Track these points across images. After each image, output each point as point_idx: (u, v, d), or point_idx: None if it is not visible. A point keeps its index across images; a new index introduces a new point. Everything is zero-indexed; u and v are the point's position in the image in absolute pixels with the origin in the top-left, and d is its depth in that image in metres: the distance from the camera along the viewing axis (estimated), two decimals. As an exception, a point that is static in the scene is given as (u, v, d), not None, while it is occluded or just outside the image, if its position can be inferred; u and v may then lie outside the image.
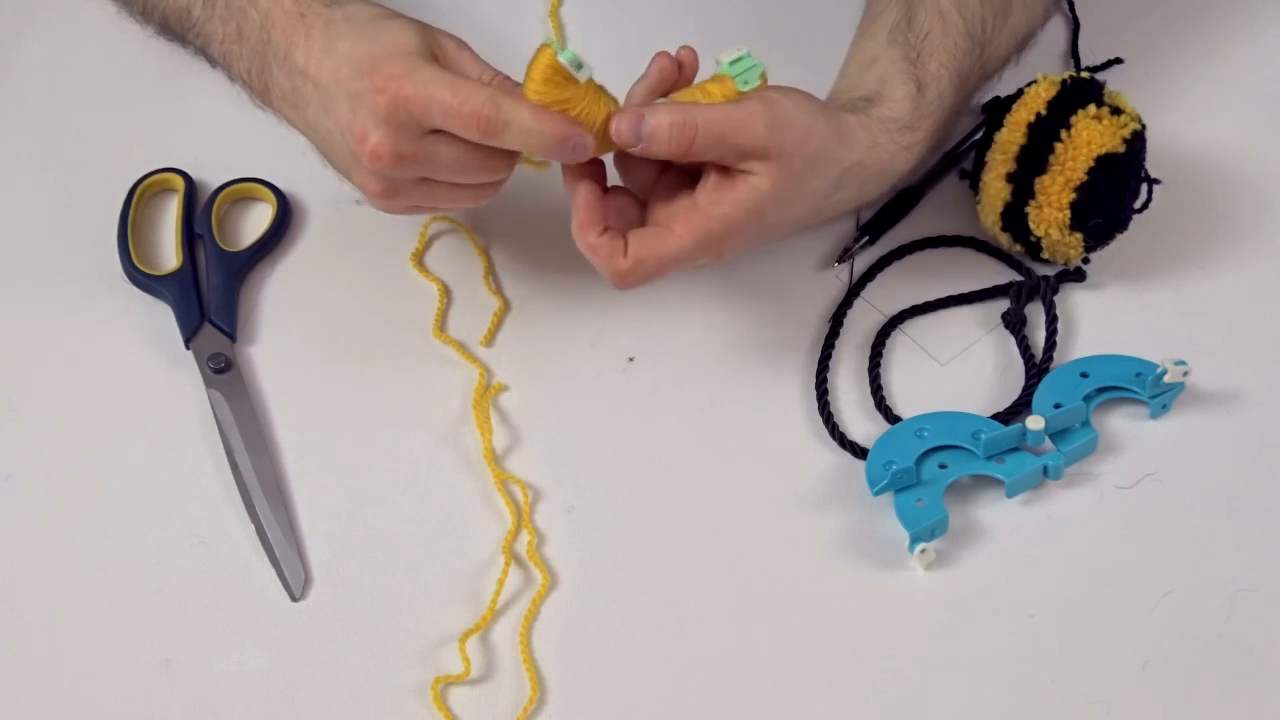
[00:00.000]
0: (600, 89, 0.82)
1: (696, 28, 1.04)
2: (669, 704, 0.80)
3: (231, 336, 0.91)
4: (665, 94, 0.83)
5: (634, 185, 0.85)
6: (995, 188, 0.91)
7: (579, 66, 0.80)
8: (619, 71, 1.04)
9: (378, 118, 0.80)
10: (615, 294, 0.92)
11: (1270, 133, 1.00)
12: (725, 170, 0.81)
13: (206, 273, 0.94)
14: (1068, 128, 0.89)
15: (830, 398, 0.89)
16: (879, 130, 0.87)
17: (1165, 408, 0.88)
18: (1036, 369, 0.90)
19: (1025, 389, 0.89)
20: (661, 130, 0.80)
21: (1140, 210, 0.92)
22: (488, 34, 1.04)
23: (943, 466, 0.86)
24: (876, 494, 0.84)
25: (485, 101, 0.79)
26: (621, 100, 0.83)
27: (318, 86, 0.83)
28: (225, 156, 0.98)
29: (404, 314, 0.93)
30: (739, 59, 0.83)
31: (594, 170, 0.83)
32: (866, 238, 0.95)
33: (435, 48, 0.83)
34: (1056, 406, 0.87)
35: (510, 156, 0.83)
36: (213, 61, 0.94)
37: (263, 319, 0.93)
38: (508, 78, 0.83)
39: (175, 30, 0.95)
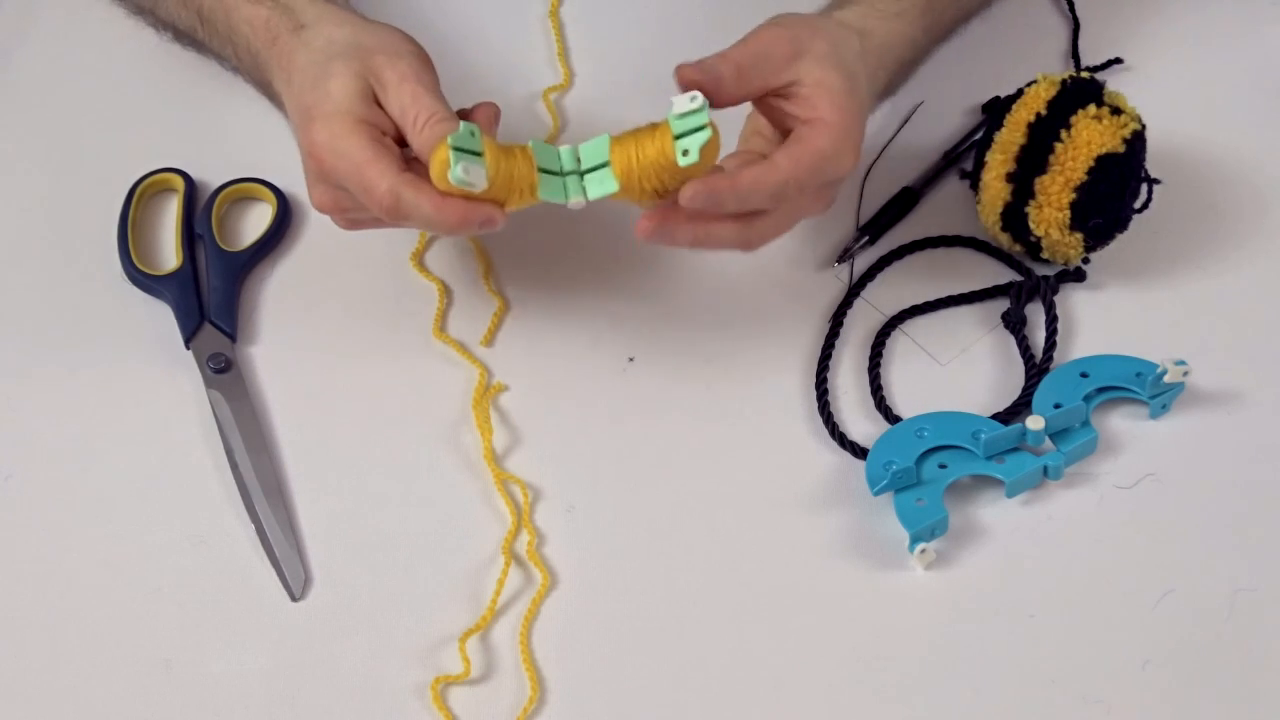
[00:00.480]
0: (510, 156, 0.79)
1: (696, 28, 1.04)
2: (669, 704, 0.80)
3: (231, 336, 0.91)
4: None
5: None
6: (995, 188, 0.91)
7: (469, 185, 0.77)
8: (619, 72, 1.04)
9: (312, 176, 0.84)
10: (615, 294, 0.92)
11: (1270, 133, 1.00)
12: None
13: (206, 273, 0.94)
14: (1068, 128, 0.89)
15: (830, 398, 0.89)
16: (865, 7, 0.88)
17: (1165, 408, 0.88)
18: (1036, 369, 0.90)
19: (1025, 389, 0.89)
20: (716, 62, 0.81)
21: (1140, 210, 0.92)
22: (488, 34, 1.05)
23: (943, 466, 0.86)
24: (876, 494, 0.84)
25: (386, 193, 0.79)
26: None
27: (287, 112, 0.86)
28: (225, 156, 0.98)
29: (404, 314, 0.93)
30: (690, 113, 0.78)
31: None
32: (866, 238, 0.95)
33: (376, 83, 0.83)
34: (1056, 406, 0.87)
35: None
36: (233, 71, 0.95)
37: (263, 319, 0.93)
38: (444, 118, 0.81)
39: (190, 41, 0.96)
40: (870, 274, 0.94)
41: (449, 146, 0.77)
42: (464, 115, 0.84)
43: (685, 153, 0.78)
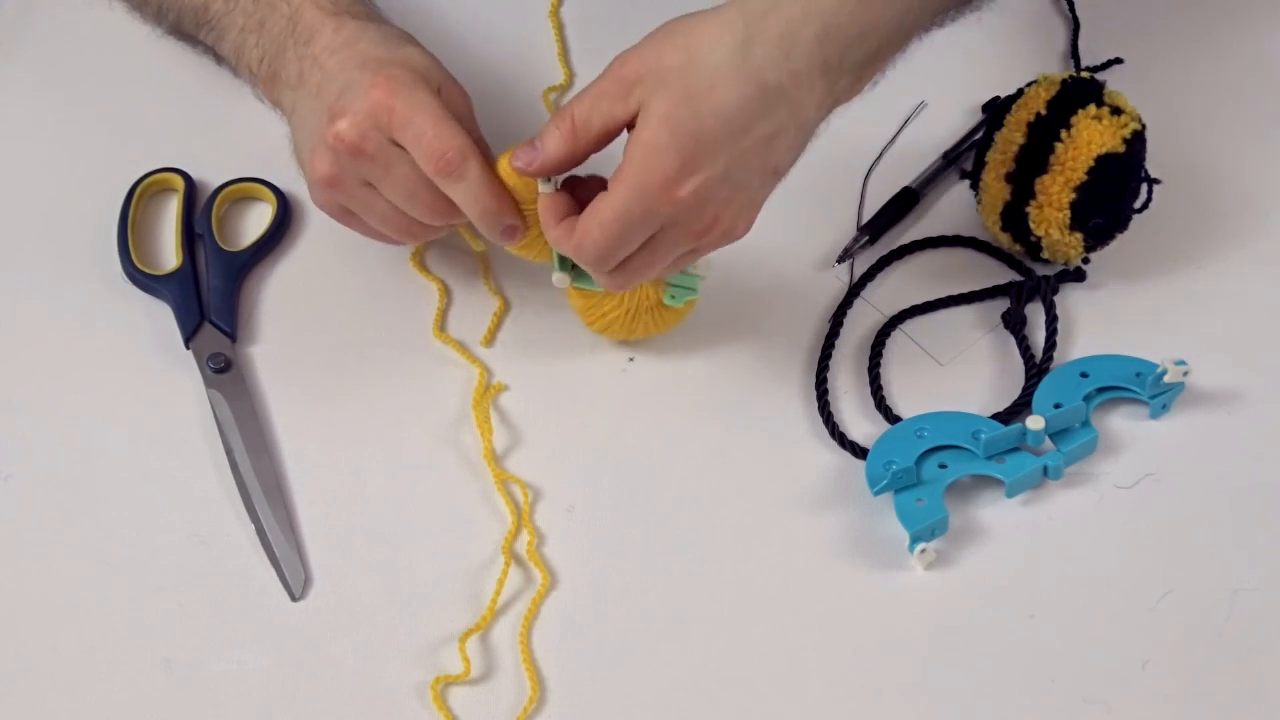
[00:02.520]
0: None
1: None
2: (669, 704, 0.80)
3: (231, 336, 0.91)
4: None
5: None
6: (995, 188, 0.91)
7: (548, 180, 0.80)
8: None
9: (358, 108, 0.81)
10: (615, 294, 0.92)
11: (1270, 133, 1.00)
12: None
13: (206, 273, 0.94)
14: (1068, 127, 0.89)
15: (830, 398, 0.89)
16: None
17: (1165, 408, 0.88)
18: (1036, 369, 0.90)
19: (1025, 389, 0.89)
20: (548, 133, 0.79)
21: (1140, 210, 0.92)
22: (488, 34, 1.05)
23: (943, 466, 0.86)
24: (876, 494, 0.84)
25: (457, 147, 0.79)
26: None
27: (323, 70, 0.85)
28: (225, 156, 0.98)
29: (404, 314, 0.93)
30: (687, 274, 0.86)
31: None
32: (866, 238, 0.95)
33: (444, 88, 0.84)
34: (1056, 406, 0.87)
35: (447, 213, 0.83)
36: (219, 58, 0.94)
37: (263, 319, 0.93)
38: (487, 149, 0.83)
39: (188, 29, 0.96)
40: (870, 274, 0.94)
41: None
42: None
43: (673, 296, 0.87)
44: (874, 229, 0.95)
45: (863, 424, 0.89)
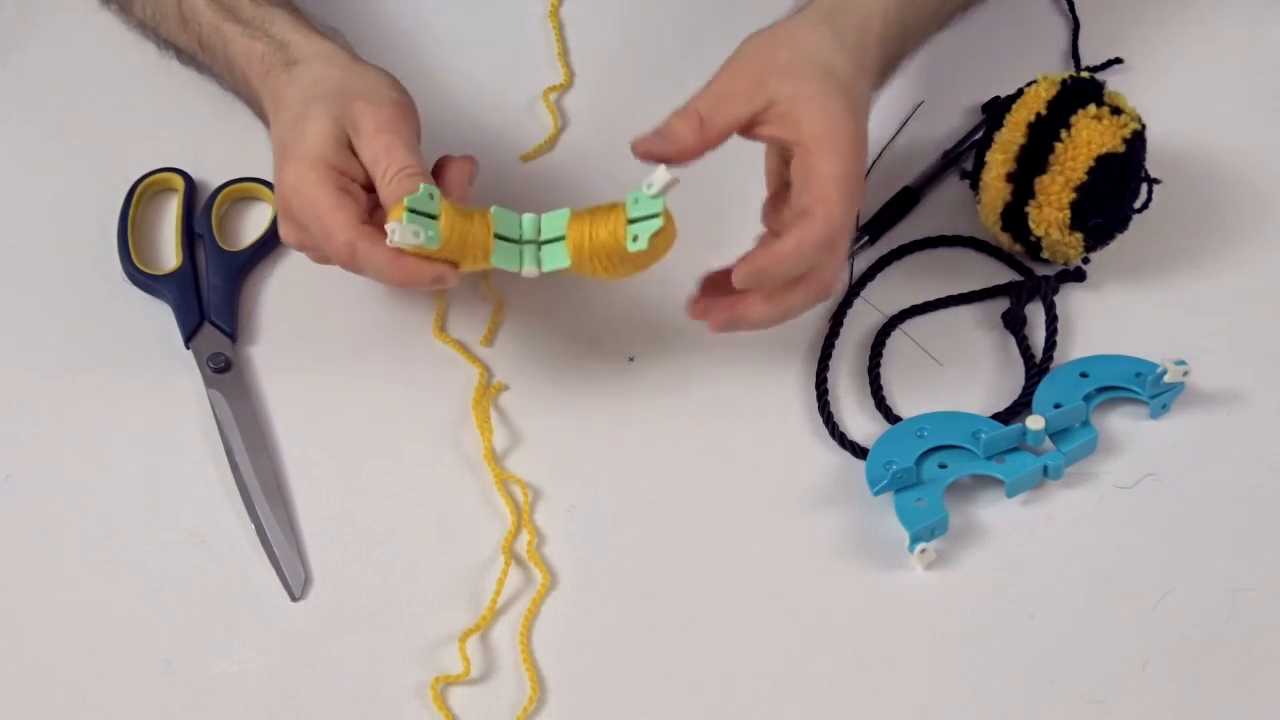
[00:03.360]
0: (467, 220, 0.80)
1: (695, 29, 1.04)
2: (669, 704, 0.80)
3: (231, 336, 0.91)
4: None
5: None
6: (995, 188, 0.91)
7: (419, 246, 0.79)
8: (619, 72, 1.04)
9: (280, 209, 0.85)
10: (615, 294, 0.92)
11: (1270, 133, 1.00)
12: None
13: (206, 273, 0.94)
14: (1068, 127, 0.89)
15: (830, 398, 0.89)
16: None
17: (1165, 408, 0.88)
18: (1036, 369, 0.90)
19: (1025, 389, 0.89)
20: (675, 127, 0.81)
21: (1140, 210, 0.92)
22: (488, 34, 1.05)
23: (943, 466, 0.86)
24: (876, 494, 0.84)
25: (344, 244, 0.81)
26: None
27: (272, 146, 0.87)
28: (225, 156, 0.98)
29: (404, 314, 0.93)
30: (645, 199, 0.80)
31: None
32: (866, 238, 0.95)
33: (352, 130, 0.83)
34: (1056, 406, 0.87)
35: None
36: (230, 91, 0.95)
37: (263, 319, 0.93)
38: (414, 173, 0.81)
39: (190, 61, 0.97)
40: (870, 274, 0.94)
41: (404, 208, 0.79)
42: (439, 167, 0.85)
43: (635, 239, 0.80)
44: (874, 229, 0.95)
45: (863, 424, 0.89)
